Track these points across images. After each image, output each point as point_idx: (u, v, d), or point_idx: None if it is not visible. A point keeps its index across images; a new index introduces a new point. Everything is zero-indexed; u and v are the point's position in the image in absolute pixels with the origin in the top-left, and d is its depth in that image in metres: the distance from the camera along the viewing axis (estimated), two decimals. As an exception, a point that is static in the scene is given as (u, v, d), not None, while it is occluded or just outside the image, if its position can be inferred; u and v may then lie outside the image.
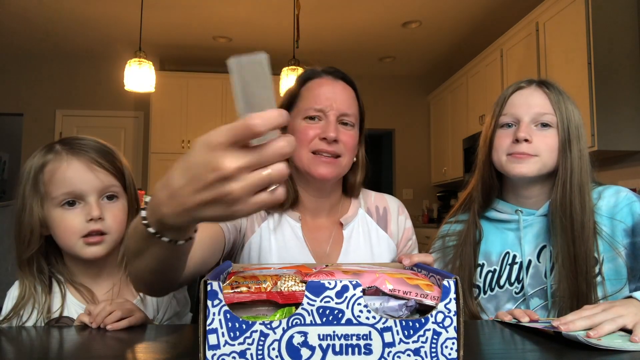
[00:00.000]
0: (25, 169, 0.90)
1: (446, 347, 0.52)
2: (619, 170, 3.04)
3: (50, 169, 0.88)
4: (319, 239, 1.05)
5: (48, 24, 4.44)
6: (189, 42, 4.86)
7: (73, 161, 0.88)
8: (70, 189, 0.87)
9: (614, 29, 2.86)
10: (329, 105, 0.99)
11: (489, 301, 1.06)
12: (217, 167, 0.44)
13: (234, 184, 0.44)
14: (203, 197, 0.45)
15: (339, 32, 4.56)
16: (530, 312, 0.86)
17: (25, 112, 5.20)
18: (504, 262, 1.07)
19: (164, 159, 5.04)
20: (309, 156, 0.99)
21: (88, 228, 0.87)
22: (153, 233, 0.53)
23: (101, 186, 0.89)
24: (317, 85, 1.02)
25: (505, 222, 1.09)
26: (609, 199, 1.04)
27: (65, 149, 0.89)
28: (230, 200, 0.45)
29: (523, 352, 0.68)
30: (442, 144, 5.45)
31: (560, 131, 1.02)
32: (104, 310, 0.79)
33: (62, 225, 0.87)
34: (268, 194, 0.46)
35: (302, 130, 0.99)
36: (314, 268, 0.64)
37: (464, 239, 1.10)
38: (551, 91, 1.05)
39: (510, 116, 1.06)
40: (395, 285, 0.54)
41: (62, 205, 0.87)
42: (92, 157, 0.89)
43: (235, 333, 0.50)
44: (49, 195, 0.87)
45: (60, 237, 0.88)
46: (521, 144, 1.01)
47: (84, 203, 0.88)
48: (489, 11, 4.11)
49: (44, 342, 0.75)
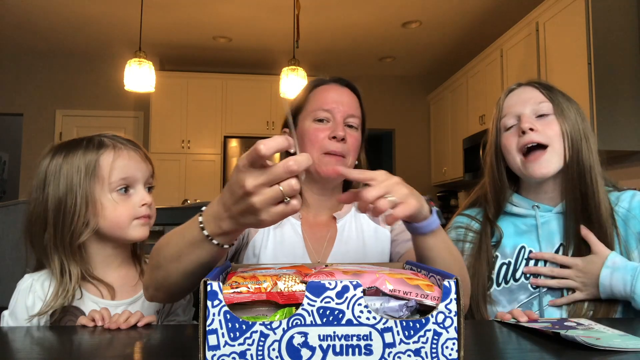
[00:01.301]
0: (65, 166, 0.93)
1: (447, 348, 0.52)
2: (619, 170, 3.04)
3: (109, 157, 0.94)
4: (317, 235, 1.06)
5: (48, 24, 4.44)
6: (189, 42, 4.86)
7: (131, 152, 0.97)
8: (128, 174, 0.95)
9: (614, 29, 2.86)
10: (336, 107, 1.05)
11: (502, 294, 1.06)
12: (242, 185, 0.56)
13: (254, 198, 0.56)
14: (238, 208, 0.58)
15: (339, 32, 4.57)
16: (529, 312, 0.86)
17: (25, 112, 5.20)
18: (519, 256, 1.07)
19: (164, 159, 5.05)
20: (318, 156, 1.03)
21: (141, 212, 0.95)
22: (206, 235, 0.64)
23: (148, 176, 0.99)
24: (325, 90, 1.09)
25: (521, 216, 1.10)
26: (624, 203, 1.05)
27: (120, 142, 0.97)
28: (254, 210, 0.57)
29: (523, 352, 0.68)
30: (442, 144, 5.45)
31: (562, 120, 1.04)
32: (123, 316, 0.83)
33: (119, 208, 0.93)
34: (284, 205, 0.57)
35: (312, 131, 1.04)
36: (314, 268, 0.64)
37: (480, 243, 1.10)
38: (541, 86, 1.09)
39: (509, 116, 1.08)
40: (396, 286, 0.54)
41: (117, 190, 0.94)
42: (142, 150, 1.00)
43: (235, 334, 0.50)
44: (106, 181, 0.93)
45: (114, 220, 0.93)
46: (528, 133, 1.03)
47: (133, 190, 0.96)
48: (489, 11, 4.11)
49: (44, 342, 0.75)
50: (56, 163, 0.94)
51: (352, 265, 0.66)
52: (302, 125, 1.06)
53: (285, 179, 0.56)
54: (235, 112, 5.24)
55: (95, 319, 0.84)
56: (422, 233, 0.76)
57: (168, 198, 4.95)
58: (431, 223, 0.75)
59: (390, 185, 0.68)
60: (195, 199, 4.67)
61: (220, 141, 5.21)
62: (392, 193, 0.67)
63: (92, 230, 0.92)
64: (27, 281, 0.93)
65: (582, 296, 0.99)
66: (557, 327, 0.77)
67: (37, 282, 0.93)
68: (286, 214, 0.58)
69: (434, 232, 0.76)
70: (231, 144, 5.16)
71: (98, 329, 0.81)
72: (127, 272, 0.99)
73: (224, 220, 0.62)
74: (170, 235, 0.73)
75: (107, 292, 0.94)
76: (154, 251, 0.77)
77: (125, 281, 0.98)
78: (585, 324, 0.80)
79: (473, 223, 1.15)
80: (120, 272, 0.98)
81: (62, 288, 0.89)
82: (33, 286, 0.92)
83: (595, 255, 0.97)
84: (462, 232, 1.14)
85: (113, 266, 0.98)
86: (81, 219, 0.91)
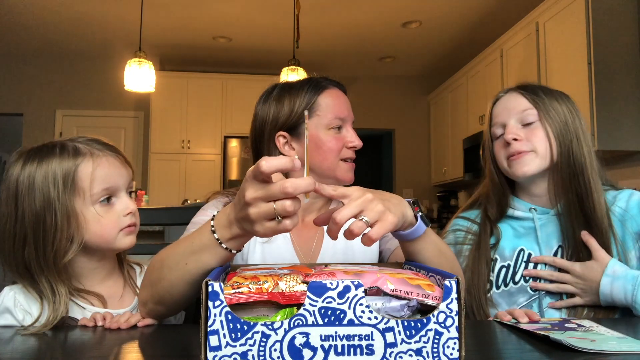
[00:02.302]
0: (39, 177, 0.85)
1: (448, 347, 0.52)
2: (619, 170, 3.04)
3: (87, 167, 0.87)
4: (305, 236, 1.06)
5: (48, 24, 4.44)
6: (189, 42, 4.86)
7: (110, 158, 0.91)
8: (110, 184, 0.89)
9: (614, 29, 2.86)
10: (348, 115, 1.07)
11: (502, 296, 1.06)
12: (243, 194, 0.59)
13: (251, 209, 0.59)
14: (240, 214, 0.61)
15: (339, 32, 4.56)
16: (530, 313, 0.86)
17: (25, 112, 5.20)
18: (518, 258, 1.07)
19: (164, 159, 5.05)
20: (338, 163, 1.05)
21: (127, 221, 0.91)
22: (217, 239, 0.66)
23: (129, 181, 0.94)
24: (335, 96, 1.07)
25: (520, 219, 1.11)
26: (620, 202, 1.05)
27: (97, 148, 0.90)
28: (250, 220, 0.60)
29: (522, 352, 0.68)
30: (442, 144, 5.45)
31: (548, 124, 1.05)
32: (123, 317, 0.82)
33: (103, 221, 0.88)
34: (275, 223, 0.59)
35: (330, 140, 1.04)
36: (314, 268, 0.64)
37: (478, 244, 1.10)
38: (528, 91, 1.09)
39: (497, 125, 1.11)
40: (397, 286, 0.54)
41: (100, 201, 0.88)
42: (121, 154, 0.94)
43: (237, 334, 0.50)
44: (87, 193, 0.87)
45: (98, 233, 0.88)
46: (512, 144, 1.06)
47: (116, 198, 0.91)
48: (489, 11, 4.11)
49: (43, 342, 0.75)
50: (28, 173, 0.85)
51: (352, 265, 0.66)
52: (317, 133, 1.03)
53: (280, 199, 0.57)
54: (235, 112, 5.24)
55: (96, 320, 0.83)
56: (408, 240, 0.74)
57: (168, 198, 4.95)
58: (416, 230, 0.72)
59: (364, 203, 0.63)
60: (196, 199, 4.67)
61: (220, 141, 5.21)
62: (366, 212, 0.62)
63: (78, 247, 0.86)
64: (9, 295, 0.88)
65: (581, 301, 0.99)
66: (556, 328, 0.77)
67: (19, 295, 0.88)
68: (278, 231, 0.60)
69: (421, 236, 0.74)
70: (231, 144, 5.16)
71: (98, 329, 0.81)
72: (114, 283, 0.96)
73: (233, 224, 0.64)
74: (173, 245, 0.75)
75: (98, 302, 0.91)
76: (152, 267, 0.76)
77: (113, 291, 0.94)
78: (587, 326, 0.79)
79: (472, 225, 1.15)
80: (107, 283, 0.95)
81: (54, 308, 0.84)
82: (16, 299, 0.87)
83: (596, 262, 0.97)
84: (462, 235, 1.14)
85: (99, 278, 0.93)
86: (64, 235, 0.84)
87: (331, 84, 1.09)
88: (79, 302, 0.90)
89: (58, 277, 0.86)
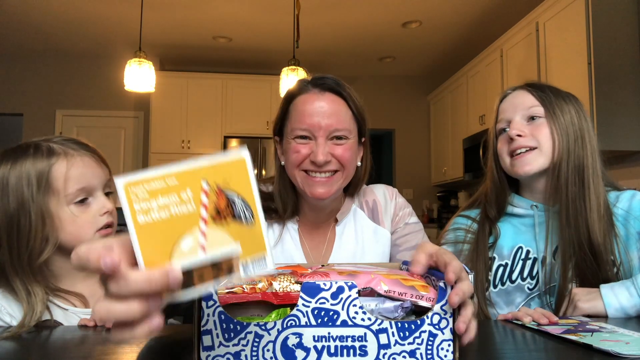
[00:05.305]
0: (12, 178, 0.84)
1: (442, 349, 0.52)
2: (619, 170, 3.03)
3: (61, 167, 0.86)
4: (316, 240, 1.06)
5: (48, 24, 4.44)
6: (189, 42, 4.86)
7: (85, 157, 0.89)
8: (85, 184, 0.88)
9: (614, 29, 2.85)
10: (316, 125, 0.95)
11: (499, 295, 1.06)
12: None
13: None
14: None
15: (339, 32, 4.56)
16: (549, 314, 0.82)
17: (25, 112, 5.19)
18: (516, 256, 1.07)
19: (164, 159, 5.04)
20: (302, 175, 0.98)
21: (103, 221, 0.89)
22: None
23: (106, 180, 0.92)
24: (303, 102, 0.98)
25: (520, 216, 1.10)
26: (622, 203, 1.05)
27: (71, 147, 0.89)
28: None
29: (522, 352, 0.68)
30: (442, 144, 5.45)
31: (553, 122, 1.04)
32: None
33: (79, 221, 0.87)
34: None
35: (293, 149, 0.97)
36: (309, 268, 0.64)
37: (477, 243, 1.10)
38: (536, 89, 1.10)
39: (502, 121, 1.11)
40: (391, 287, 0.54)
41: (75, 202, 0.87)
42: (97, 152, 0.92)
43: (230, 334, 0.50)
44: (62, 193, 0.86)
45: (74, 233, 0.87)
46: (516, 140, 1.05)
47: (92, 198, 0.89)
48: (489, 11, 4.11)
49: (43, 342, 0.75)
50: (2, 174, 0.84)
51: (347, 265, 0.66)
52: (287, 141, 1.00)
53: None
54: (235, 112, 5.23)
55: (96, 320, 0.82)
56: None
57: (168, 198, 4.94)
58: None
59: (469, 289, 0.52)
60: (195, 199, 4.66)
61: (220, 141, 5.21)
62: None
63: (53, 247, 0.85)
64: None
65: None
66: (580, 329, 0.74)
67: (1, 299, 0.86)
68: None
69: None
70: (231, 144, 5.16)
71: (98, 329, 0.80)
72: (96, 281, 0.92)
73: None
74: None
75: (79, 302, 0.89)
76: None
77: (96, 290, 0.92)
78: (608, 327, 0.76)
79: (473, 224, 1.15)
80: (89, 282, 0.92)
81: (30, 310, 0.82)
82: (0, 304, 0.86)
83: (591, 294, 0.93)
84: (462, 234, 1.14)
85: (80, 277, 0.91)
86: (38, 236, 0.84)
87: (309, 87, 1.00)
88: (60, 304, 0.88)
89: (33, 278, 0.85)
